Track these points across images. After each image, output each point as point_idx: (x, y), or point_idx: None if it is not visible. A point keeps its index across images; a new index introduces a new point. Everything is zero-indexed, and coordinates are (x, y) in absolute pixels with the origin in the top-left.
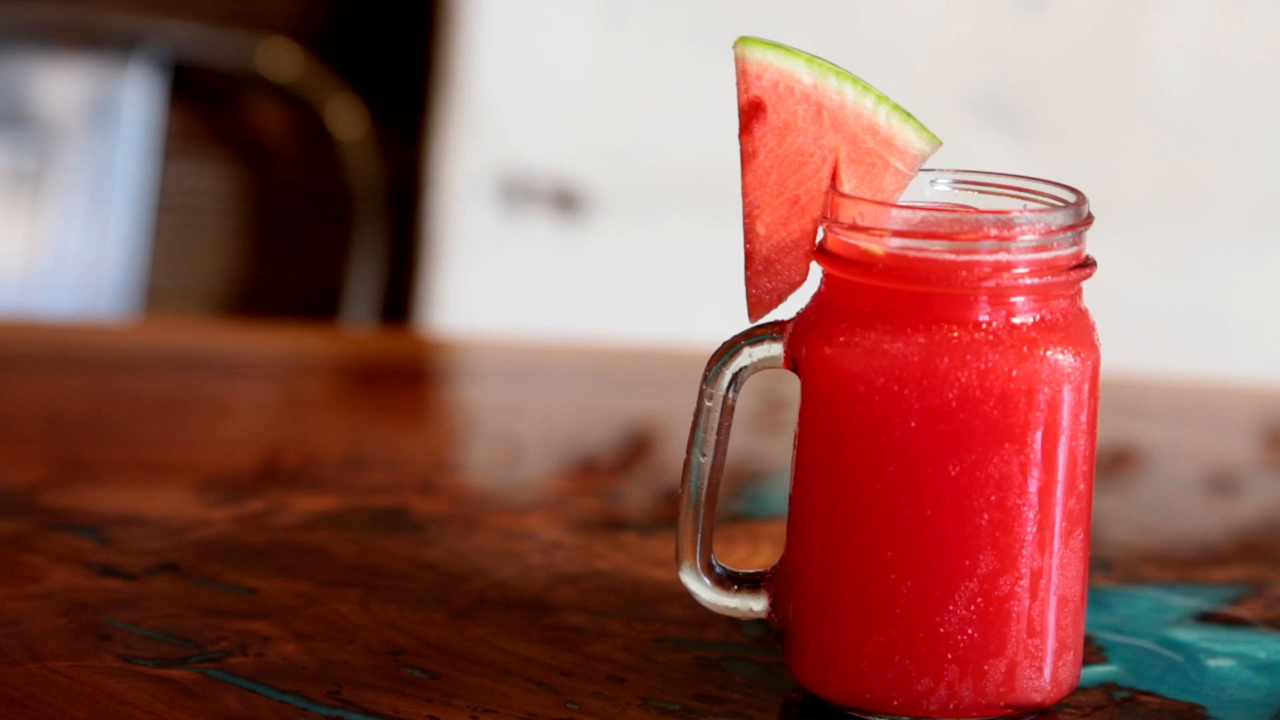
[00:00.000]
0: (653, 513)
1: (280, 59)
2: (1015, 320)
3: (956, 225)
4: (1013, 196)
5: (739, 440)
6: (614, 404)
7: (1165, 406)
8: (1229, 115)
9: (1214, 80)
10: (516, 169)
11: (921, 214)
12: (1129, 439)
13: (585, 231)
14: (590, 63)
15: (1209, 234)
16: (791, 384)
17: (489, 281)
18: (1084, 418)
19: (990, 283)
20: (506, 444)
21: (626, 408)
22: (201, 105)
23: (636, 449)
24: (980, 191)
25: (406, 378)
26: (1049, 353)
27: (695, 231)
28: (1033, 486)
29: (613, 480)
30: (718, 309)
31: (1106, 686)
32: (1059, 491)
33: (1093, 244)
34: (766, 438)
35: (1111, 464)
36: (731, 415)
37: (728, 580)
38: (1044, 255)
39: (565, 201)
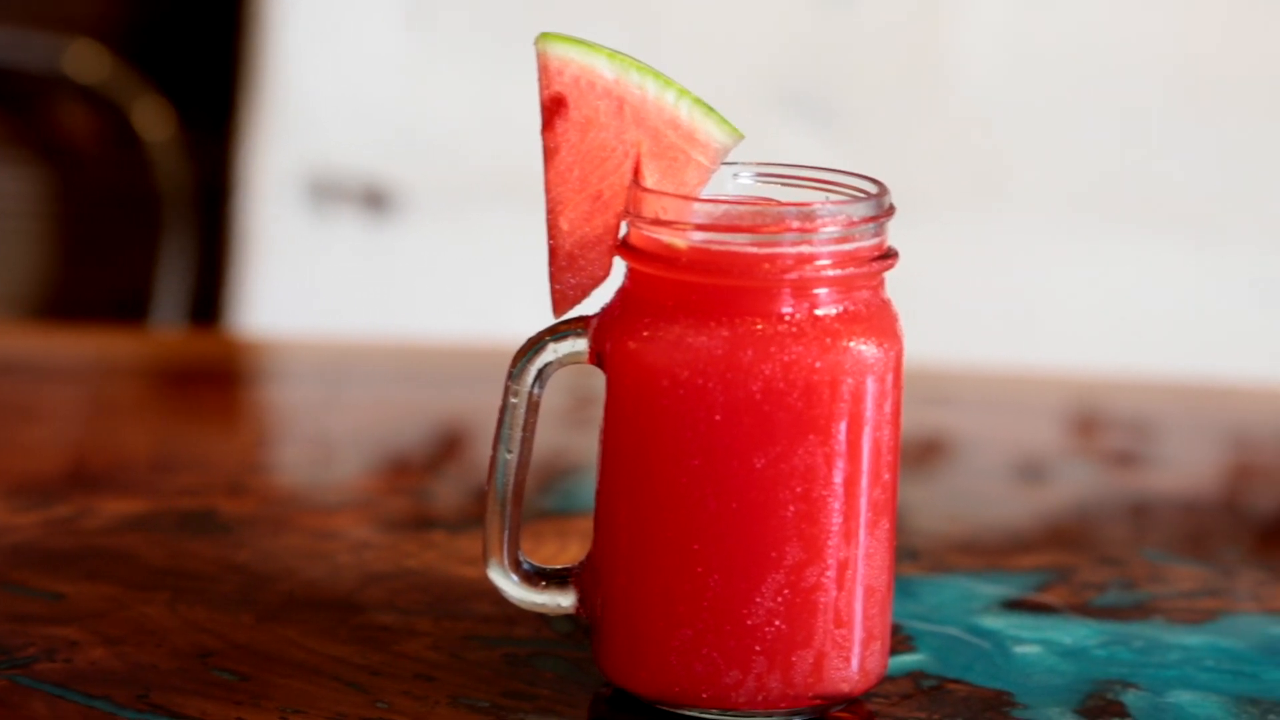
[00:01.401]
0: (462, 510)
1: (86, 61)
2: (818, 312)
3: (759, 218)
4: (815, 189)
5: (548, 436)
6: (425, 402)
7: (972, 396)
8: (1033, 107)
9: (1017, 73)
10: (325, 168)
11: (724, 207)
12: (937, 429)
13: (394, 230)
14: (398, 61)
15: (1014, 225)
16: (600, 379)
17: (299, 281)
18: (888, 408)
19: (793, 275)
20: (316, 444)
21: (437, 406)
22: (6, 108)
23: (447, 447)
24: (783, 184)
25: (216, 379)
26: (852, 344)
27: (505, 228)
28: (838, 477)
29: (423, 479)
30: (528, 306)
31: (914, 675)
32: (864, 482)
33: (899, 236)
34: (575, 433)
35: (920, 454)
36: (537, 411)
37: (535, 577)
38: (846, 247)
39: (374, 200)
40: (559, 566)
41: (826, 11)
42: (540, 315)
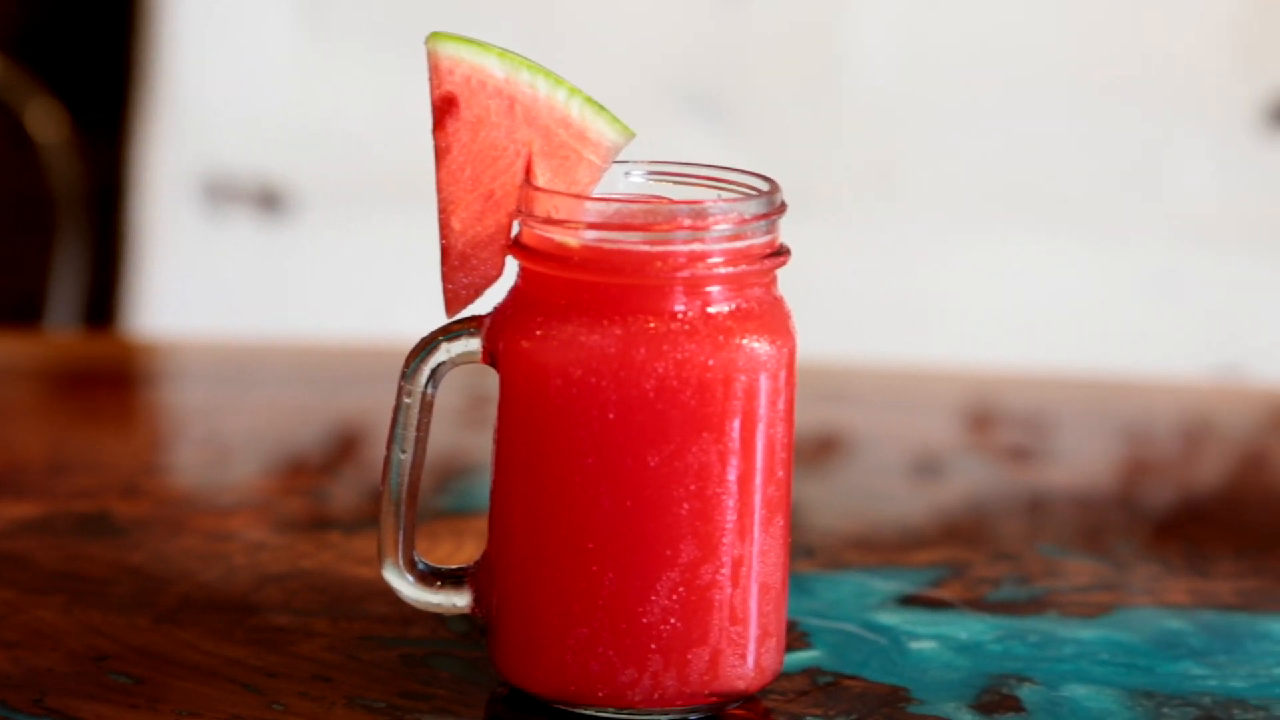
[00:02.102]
0: (358, 511)
1: None
2: (711, 310)
3: (650, 216)
4: (706, 186)
5: (444, 436)
6: (320, 403)
7: (869, 392)
8: (927, 105)
9: (912, 71)
10: (219, 169)
11: (615, 206)
12: (833, 426)
13: (289, 230)
14: (291, 61)
15: (909, 222)
16: (495, 378)
17: (193, 283)
18: (781, 405)
19: (685, 273)
20: (212, 446)
21: (333, 407)
22: None
23: (343, 448)
24: (674, 182)
25: (111, 381)
26: (745, 341)
27: (399, 228)
28: (731, 475)
29: (318, 480)
30: (423, 305)
31: (810, 671)
32: (758, 479)
33: (795, 233)
34: (471, 433)
35: (816, 451)
36: (431, 411)
37: (431, 577)
38: (738, 244)
39: (268, 201)
40: (454, 566)
41: (722, 10)
42: (435, 315)
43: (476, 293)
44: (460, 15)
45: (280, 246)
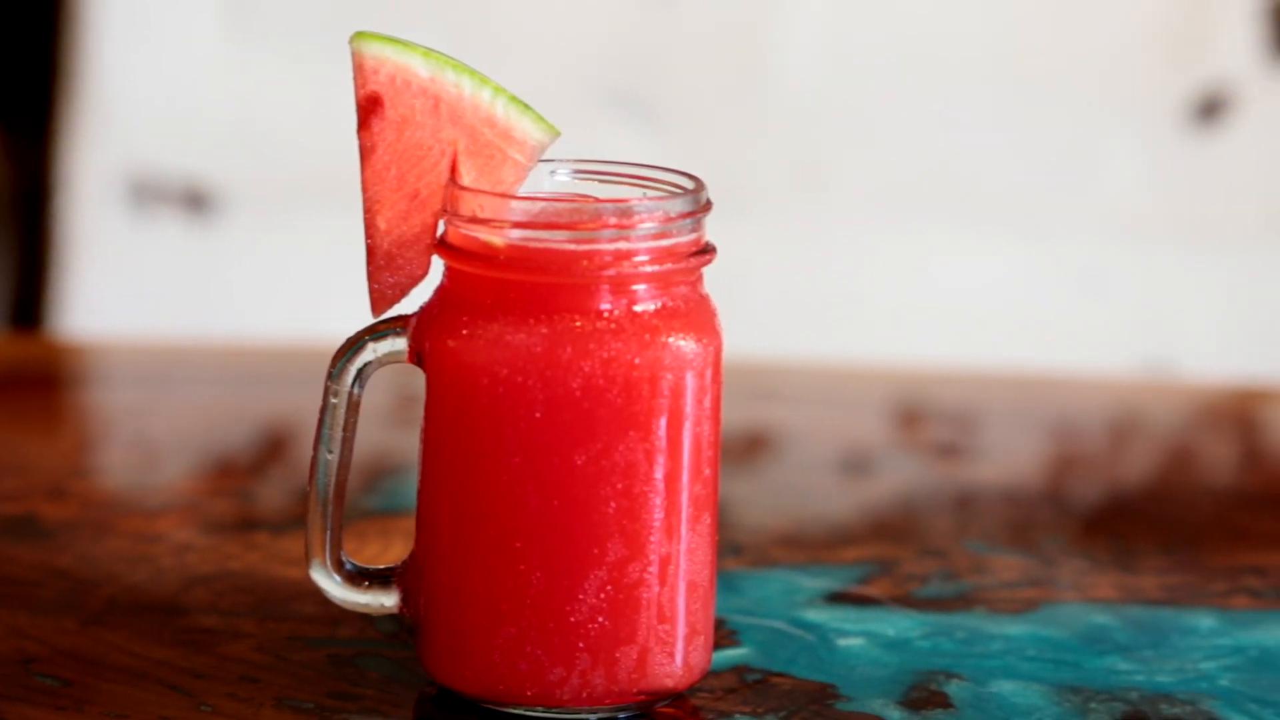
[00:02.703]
0: (286, 511)
1: None
2: (637, 308)
3: (576, 215)
4: (632, 185)
5: (372, 436)
6: (248, 404)
7: (798, 390)
8: (855, 103)
9: (840, 68)
10: (145, 169)
11: (541, 205)
12: (761, 423)
13: (216, 231)
14: (216, 61)
15: (837, 219)
16: (423, 378)
17: (120, 284)
18: (707, 403)
19: (611, 271)
20: (139, 447)
21: (261, 407)
22: None
23: (270, 448)
24: (600, 181)
25: (37, 383)
26: (671, 339)
27: (326, 228)
28: (658, 473)
29: (246, 480)
30: (351, 305)
31: (739, 669)
32: (685, 477)
33: (724, 231)
34: (399, 433)
35: (744, 449)
36: (358, 411)
37: (358, 577)
38: (663, 243)
39: (195, 201)
40: (382, 566)
41: (649, 9)
42: (362, 315)
43: (402, 292)
44: (385, 14)
45: (207, 247)
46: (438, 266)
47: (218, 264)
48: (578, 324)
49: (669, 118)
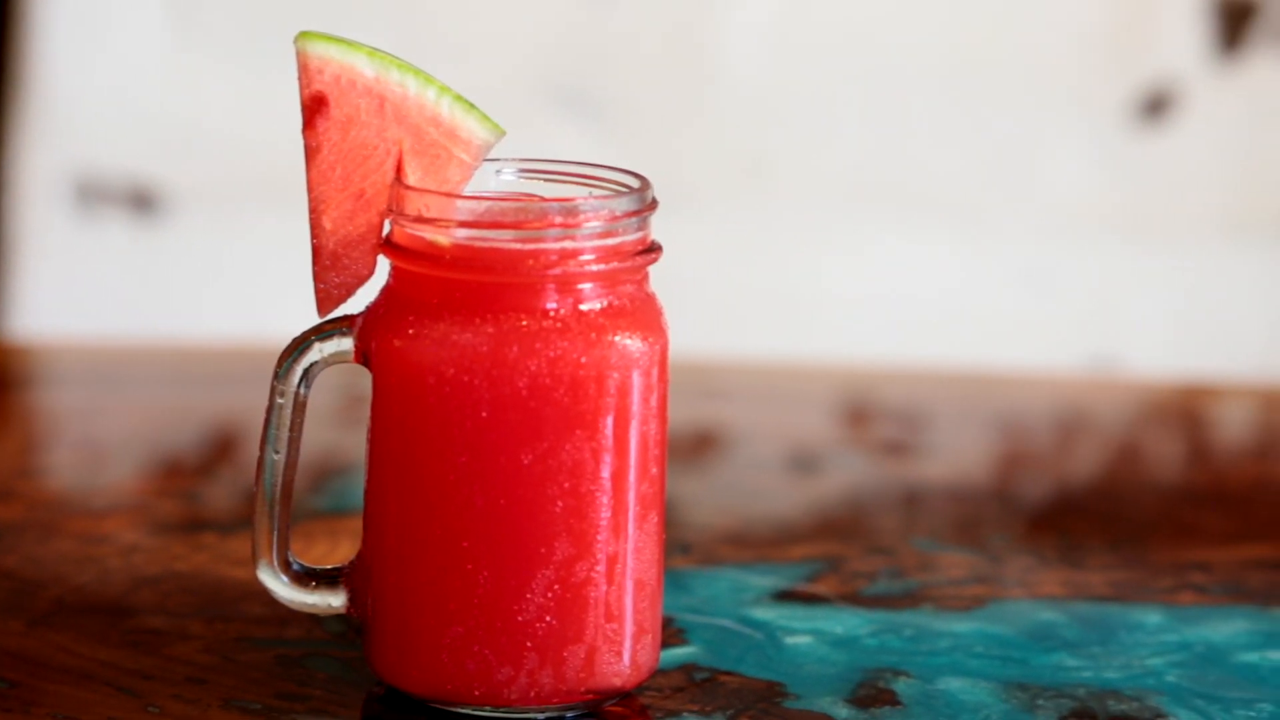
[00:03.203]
0: (233, 512)
1: None
2: (583, 307)
3: (521, 214)
4: (577, 184)
5: (320, 436)
6: (196, 404)
7: (745, 388)
8: (800, 100)
9: (784, 65)
10: (91, 170)
11: (486, 204)
12: (709, 422)
13: (163, 232)
14: (162, 61)
15: (783, 217)
16: (370, 378)
17: (66, 284)
18: (654, 402)
19: (557, 270)
20: (86, 448)
21: (208, 408)
22: None
23: (218, 449)
24: (546, 180)
25: None
26: (617, 338)
27: (274, 228)
28: (605, 472)
29: (193, 481)
30: (298, 305)
31: (687, 668)
32: (631, 476)
33: (669, 229)
34: (347, 433)
35: (692, 447)
36: (304, 411)
37: (305, 577)
38: (609, 241)
39: (141, 202)
40: (329, 566)
41: (593, 6)
42: (309, 315)
43: (349, 292)
44: (330, 14)
45: (153, 247)
46: (384, 266)
47: (164, 264)
48: (524, 323)
49: (615, 116)
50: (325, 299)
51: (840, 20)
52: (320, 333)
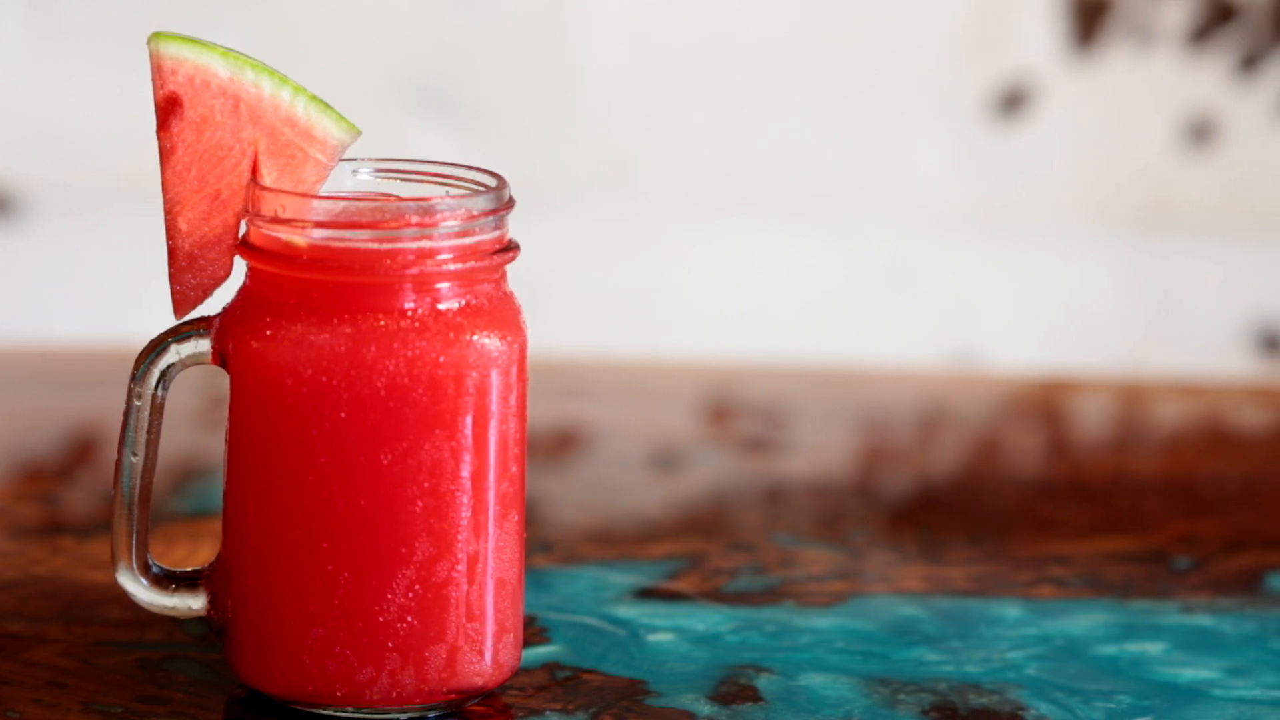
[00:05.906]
0: (92, 516)
1: None
2: (441, 306)
3: (378, 214)
4: (434, 183)
5: (181, 438)
6: (55, 407)
7: (608, 386)
8: (662, 97)
9: (646, 62)
10: None
11: (343, 204)
12: (571, 420)
13: (19, 233)
14: (19, 61)
15: (645, 214)
16: (229, 380)
17: None
18: (513, 401)
19: (414, 270)
20: None
21: (68, 411)
22: None
23: (78, 452)
24: (402, 179)
25: None
26: (475, 338)
27: (132, 230)
28: (465, 471)
29: (52, 484)
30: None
31: (549, 666)
32: (491, 475)
33: (530, 228)
34: (208, 435)
35: (554, 446)
36: (162, 413)
37: (165, 580)
38: (466, 240)
39: None
40: (189, 569)
41: (450, 5)
42: (167, 317)
43: (205, 293)
44: (187, 14)
45: (10, 249)
46: (240, 267)
47: (21, 266)
48: (382, 323)
49: (473, 115)
50: (182, 300)
51: (701, 18)
52: (177, 334)
